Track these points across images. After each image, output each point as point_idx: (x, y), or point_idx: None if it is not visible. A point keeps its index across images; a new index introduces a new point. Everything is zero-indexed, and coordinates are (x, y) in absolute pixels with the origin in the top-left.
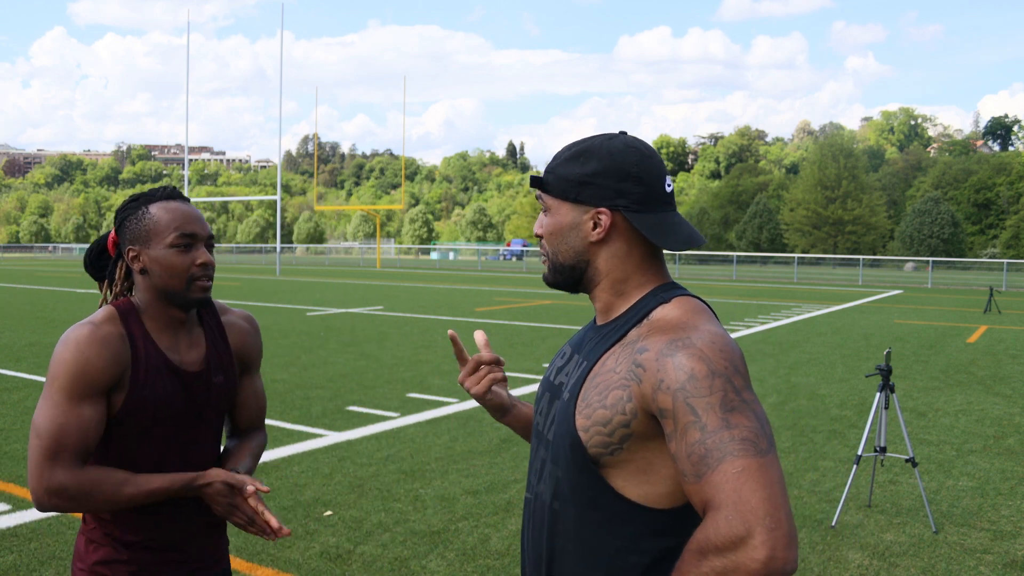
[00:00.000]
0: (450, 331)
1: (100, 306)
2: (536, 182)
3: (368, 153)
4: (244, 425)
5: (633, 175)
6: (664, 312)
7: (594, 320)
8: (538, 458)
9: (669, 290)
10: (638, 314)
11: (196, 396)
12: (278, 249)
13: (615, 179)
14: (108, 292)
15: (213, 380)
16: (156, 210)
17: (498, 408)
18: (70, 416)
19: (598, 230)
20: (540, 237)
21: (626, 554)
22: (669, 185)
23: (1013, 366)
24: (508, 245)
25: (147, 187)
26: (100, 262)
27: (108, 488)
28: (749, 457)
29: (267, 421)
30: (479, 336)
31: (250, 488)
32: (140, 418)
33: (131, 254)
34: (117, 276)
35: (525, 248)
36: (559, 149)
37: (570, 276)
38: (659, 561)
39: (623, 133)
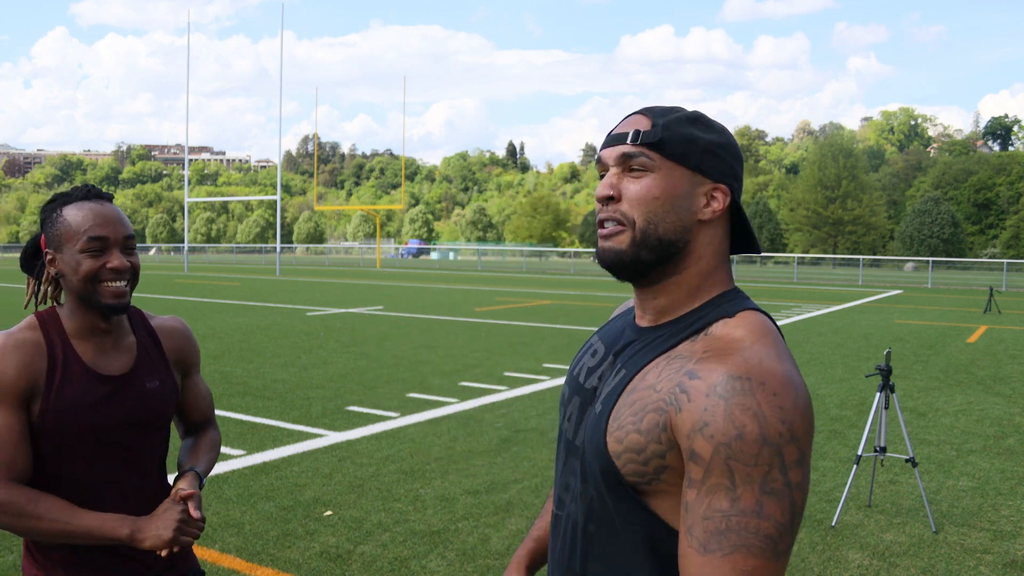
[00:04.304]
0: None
1: (25, 306)
2: (646, 136)
3: (368, 153)
4: (195, 424)
5: (741, 159)
6: (726, 330)
7: (632, 316)
8: (568, 471)
9: (734, 299)
10: (697, 323)
11: (126, 402)
12: (278, 249)
13: (732, 157)
14: (33, 293)
15: (147, 386)
16: (69, 212)
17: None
18: None
19: (712, 208)
20: (608, 201)
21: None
22: None
23: (1013, 366)
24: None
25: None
26: (35, 261)
27: (36, 509)
28: (765, 559)
29: (267, 421)
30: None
31: (185, 496)
32: (62, 427)
33: (48, 258)
34: (44, 278)
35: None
36: (654, 108)
37: (661, 254)
38: None
39: None
